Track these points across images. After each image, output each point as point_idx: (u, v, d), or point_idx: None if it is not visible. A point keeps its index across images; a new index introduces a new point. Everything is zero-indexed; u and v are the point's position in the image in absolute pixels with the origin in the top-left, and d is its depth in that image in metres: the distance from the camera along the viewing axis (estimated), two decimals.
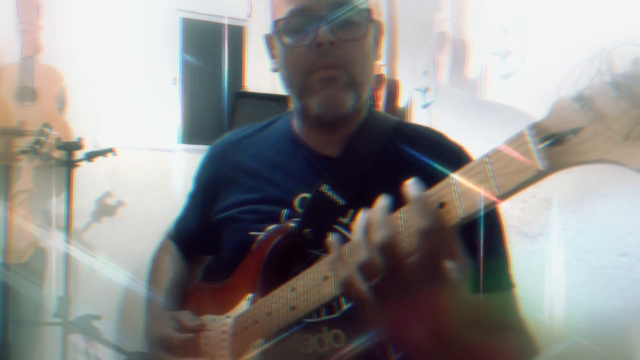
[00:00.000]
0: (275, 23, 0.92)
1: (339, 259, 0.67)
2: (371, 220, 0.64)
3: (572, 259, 2.07)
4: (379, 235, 0.61)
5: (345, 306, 0.84)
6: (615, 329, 1.86)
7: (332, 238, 0.69)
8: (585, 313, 1.94)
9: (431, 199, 0.59)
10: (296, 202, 0.93)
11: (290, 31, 0.91)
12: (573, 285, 2.04)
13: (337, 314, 0.86)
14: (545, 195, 2.21)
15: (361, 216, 0.66)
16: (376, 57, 0.98)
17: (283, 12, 0.91)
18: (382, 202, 0.64)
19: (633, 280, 1.84)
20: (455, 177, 0.57)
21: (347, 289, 0.65)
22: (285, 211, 0.93)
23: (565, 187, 2.11)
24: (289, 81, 0.95)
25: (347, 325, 0.86)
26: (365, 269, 0.62)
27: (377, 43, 0.98)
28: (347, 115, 0.92)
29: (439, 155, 0.92)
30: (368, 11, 0.90)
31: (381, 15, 1.00)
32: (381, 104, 2.45)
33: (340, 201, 0.89)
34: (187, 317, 0.98)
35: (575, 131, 0.44)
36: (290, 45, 0.91)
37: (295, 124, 1.02)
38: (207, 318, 0.99)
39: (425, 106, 2.77)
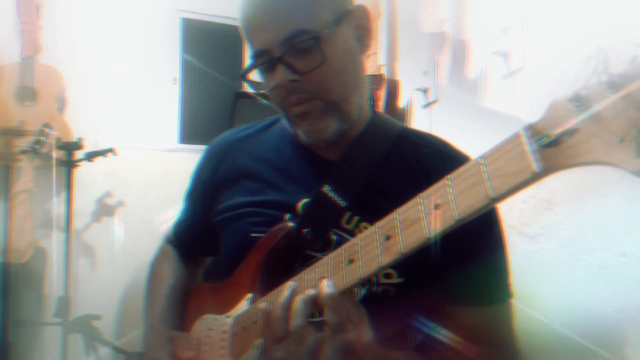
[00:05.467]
0: (243, 75, 0.93)
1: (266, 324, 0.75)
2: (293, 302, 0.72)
3: (572, 259, 2.06)
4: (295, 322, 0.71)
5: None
6: (615, 329, 1.86)
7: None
8: (585, 313, 1.93)
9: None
10: (299, 206, 0.92)
11: (259, 74, 0.92)
12: (573, 285, 2.03)
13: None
14: (545, 195, 2.20)
15: (287, 290, 0.74)
16: (361, 52, 0.93)
17: (250, 53, 0.92)
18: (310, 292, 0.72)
19: (633, 280, 1.83)
20: (451, 178, 0.57)
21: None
22: (288, 216, 0.92)
23: (565, 187, 2.10)
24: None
25: None
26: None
27: (364, 32, 0.93)
28: (340, 134, 0.91)
29: (443, 164, 0.90)
30: (316, 38, 0.84)
31: (380, 12, 0.98)
32: (381, 104, 2.44)
33: (341, 203, 0.88)
34: (184, 345, 0.97)
35: (571, 132, 0.43)
36: (261, 90, 0.92)
37: None
38: (208, 317, 0.99)
39: (426, 106, 2.76)
